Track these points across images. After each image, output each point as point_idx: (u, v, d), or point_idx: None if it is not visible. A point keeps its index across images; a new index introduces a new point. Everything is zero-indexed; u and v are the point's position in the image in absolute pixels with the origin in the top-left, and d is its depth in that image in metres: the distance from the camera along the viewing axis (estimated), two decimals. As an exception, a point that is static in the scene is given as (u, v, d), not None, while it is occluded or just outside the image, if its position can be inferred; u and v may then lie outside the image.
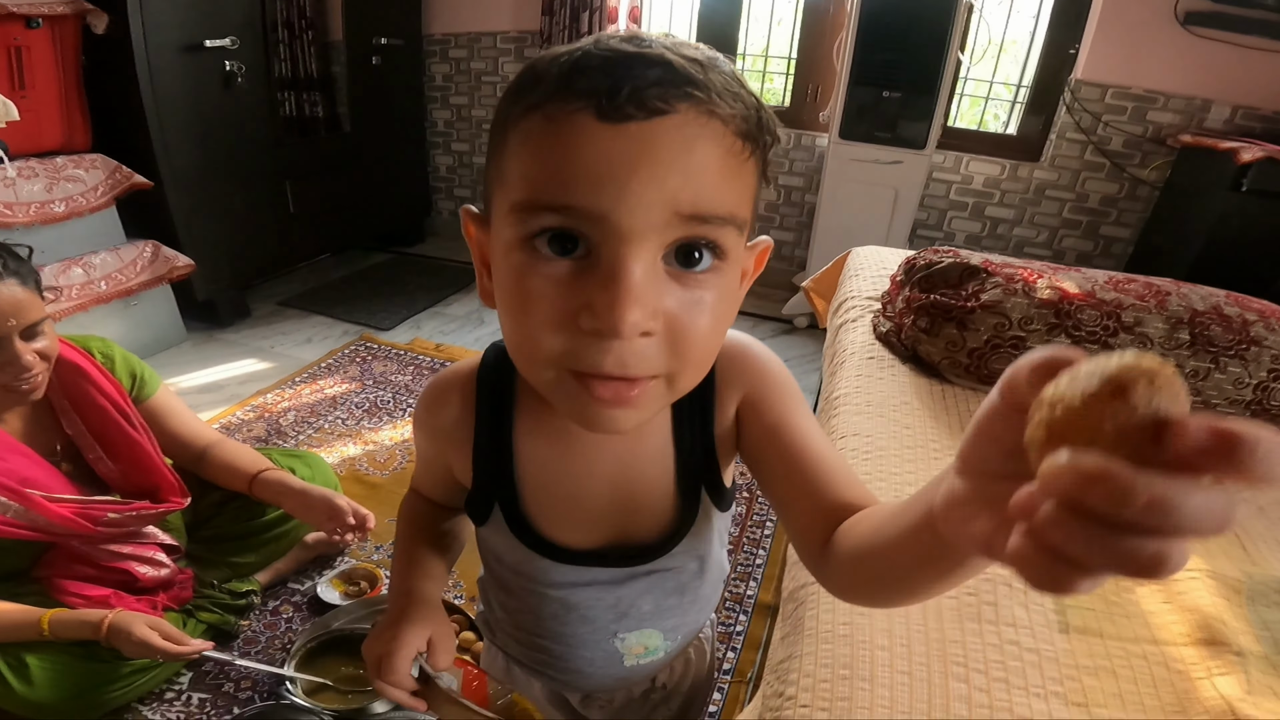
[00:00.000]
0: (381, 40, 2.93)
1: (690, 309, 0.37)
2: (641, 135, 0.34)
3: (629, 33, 0.38)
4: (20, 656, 1.08)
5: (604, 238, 0.35)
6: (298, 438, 1.89)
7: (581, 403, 0.39)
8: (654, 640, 0.60)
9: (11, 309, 0.99)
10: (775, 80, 2.89)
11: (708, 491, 0.52)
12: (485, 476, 0.53)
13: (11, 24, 1.87)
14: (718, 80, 0.36)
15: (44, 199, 1.94)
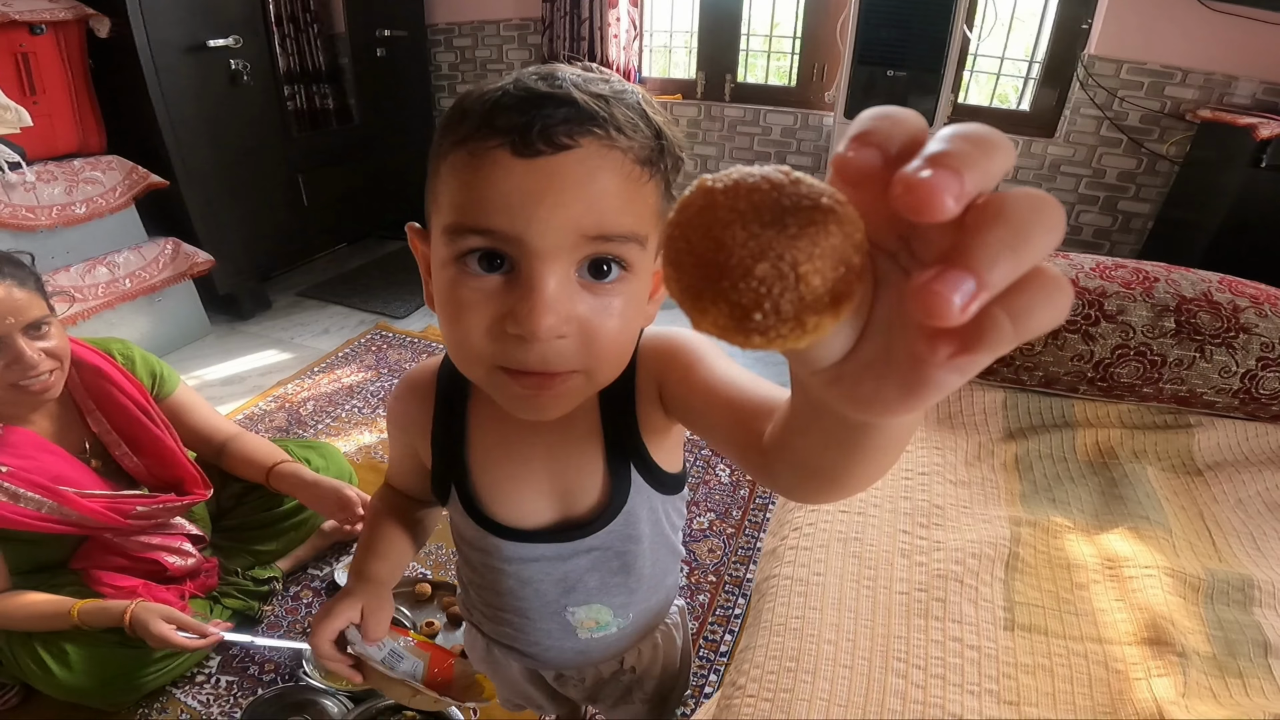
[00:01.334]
0: (385, 32, 2.96)
1: (600, 314, 0.43)
2: (550, 168, 0.39)
3: (545, 70, 0.43)
4: (60, 644, 1.15)
5: (522, 255, 0.40)
6: (317, 427, 1.96)
7: (512, 393, 0.45)
8: (604, 615, 0.65)
9: (10, 308, 1.04)
10: (782, 60, 2.86)
11: (638, 470, 0.57)
12: (443, 461, 0.59)
13: (15, 31, 1.92)
14: (620, 114, 0.41)
15: (65, 201, 2.01)
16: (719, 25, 2.81)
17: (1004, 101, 2.67)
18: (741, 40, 2.82)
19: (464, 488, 0.59)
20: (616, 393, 0.54)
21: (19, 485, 1.10)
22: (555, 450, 0.57)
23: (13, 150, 1.89)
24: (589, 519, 0.59)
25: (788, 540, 0.86)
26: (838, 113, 2.35)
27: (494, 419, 0.58)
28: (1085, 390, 1.16)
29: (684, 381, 0.51)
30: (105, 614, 1.14)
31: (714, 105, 2.87)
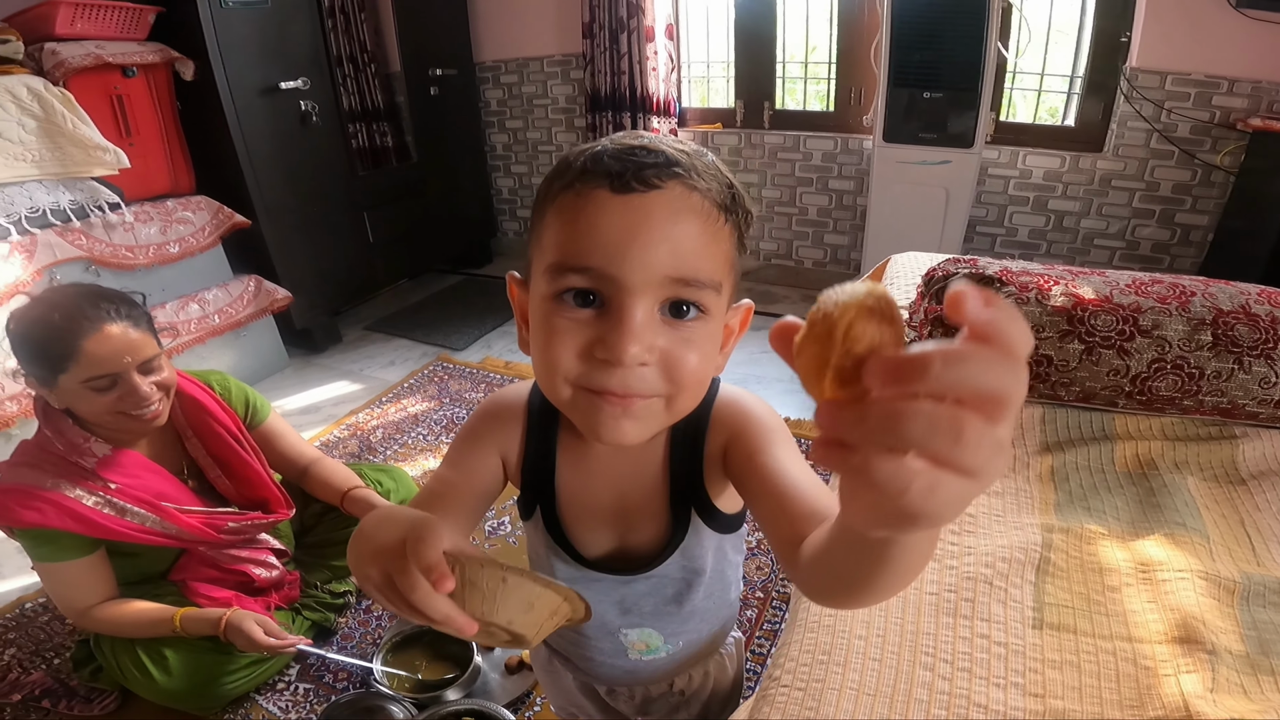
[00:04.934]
0: (437, 70, 3.09)
1: (680, 346, 0.48)
2: (642, 205, 0.46)
3: (635, 134, 0.51)
4: (161, 650, 1.26)
5: (614, 291, 0.46)
6: (385, 453, 2.09)
7: (594, 412, 0.49)
8: (654, 640, 0.69)
9: (126, 348, 1.16)
10: (819, 85, 2.92)
11: (698, 513, 0.62)
12: (533, 482, 0.64)
13: (110, 73, 2.06)
14: (699, 165, 0.49)
15: (160, 241, 2.18)
16: (755, 53, 2.88)
17: (1054, 115, 2.66)
18: (778, 67, 2.89)
19: (549, 509, 0.64)
20: (686, 441, 0.60)
21: (126, 501, 1.23)
22: (623, 487, 0.62)
23: (112, 191, 2.07)
24: (647, 555, 0.63)
25: None
26: (876, 136, 2.40)
27: (576, 451, 0.63)
28: (1124, 404, 1.17)
29: (747, 459, 0.56)
30: (203, 621, 1.25)
31: (754, 133, 2.95)
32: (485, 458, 0.64)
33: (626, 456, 0.61)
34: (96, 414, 1.19)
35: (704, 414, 0.59)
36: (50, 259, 1.91)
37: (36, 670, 1.45)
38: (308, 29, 2.52)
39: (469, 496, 0.62)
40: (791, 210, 2.98)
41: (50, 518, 1.16)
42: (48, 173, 1.89)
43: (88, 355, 1.12)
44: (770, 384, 2.28)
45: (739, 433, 0.58)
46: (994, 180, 2.61)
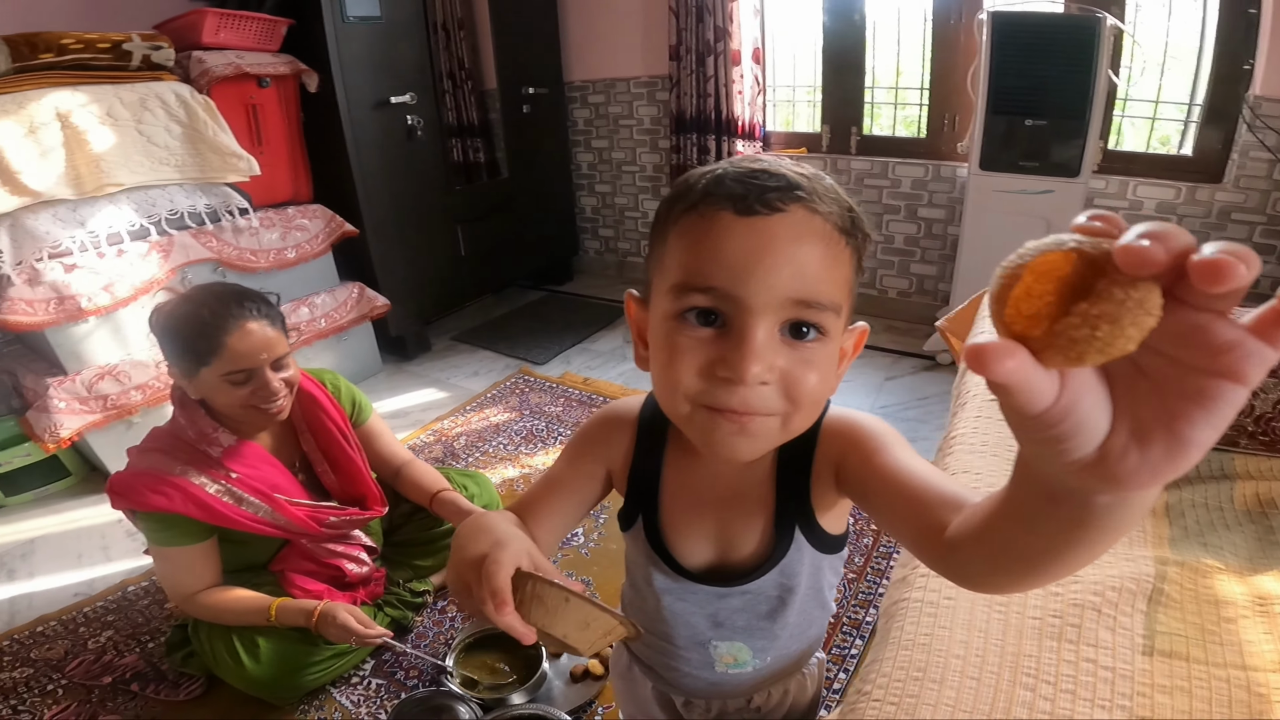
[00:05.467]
0: (529, 89, 3.18)
1: (799, 366, 0.49)
2: (766, 228, 0.47)
3: (754, 157, 0.52)
4: (254, 638, 1.30)
5: (736, 311, 0.48)
6: (467, 459, 2.16)
7: (711, 429, 0.50)
8: (743, 654, 0.69)
9: (264, 345, 1.24)
10: (909, 111, 2.87)
11: (802, 530, 0.62)
12: (636, 492, 0.66)
13: (247, 83, 2.19)
14: (820, 188, 0.50)
15: (279, 246, 2.32)
16: (843, 78, 2.86)
17: (1164, 144, 2.53)
18: (867, 92, 2.86)
19: (650, 519, 0.66)
20: (794, 460, 0.60)
21: (244, 490, 1.30)
22: (728, 501, 0.63)
23: (242, 197, 2.23)
24: (746, 568, 0.64)
25: (919, 569, 0.89)
26: (972, 164, 2.34)
27: (684, 464, 0.64)
28: (1245, 444, 1.11)
29: (865, 465, 0.56)
30: (297, 612, 1.29)
31: (840, 158, 2.92)
32: (591, 466, 0.67)
33: (733, 471, 0.62)
34: (230, 406, 1.26)
35: (813, 432, 0.59)
36: (184, 259, 2.07)
37: (131, 654, 1.52)
38: (416, 45, 2.64)
39: (570, 502, 0.66)
40: (877, 238, 2.93)
41: (176, 503, 1.23)
42: (188, 177, 2.05)
43: (230, 350, 1.20)
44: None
45: (853, 444, 0.58)
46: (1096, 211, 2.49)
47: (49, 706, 1.40)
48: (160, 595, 1.68)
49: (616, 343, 2.93)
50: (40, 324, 1.82)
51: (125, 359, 2.01)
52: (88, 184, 1.85)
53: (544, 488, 0.67)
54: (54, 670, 1.49)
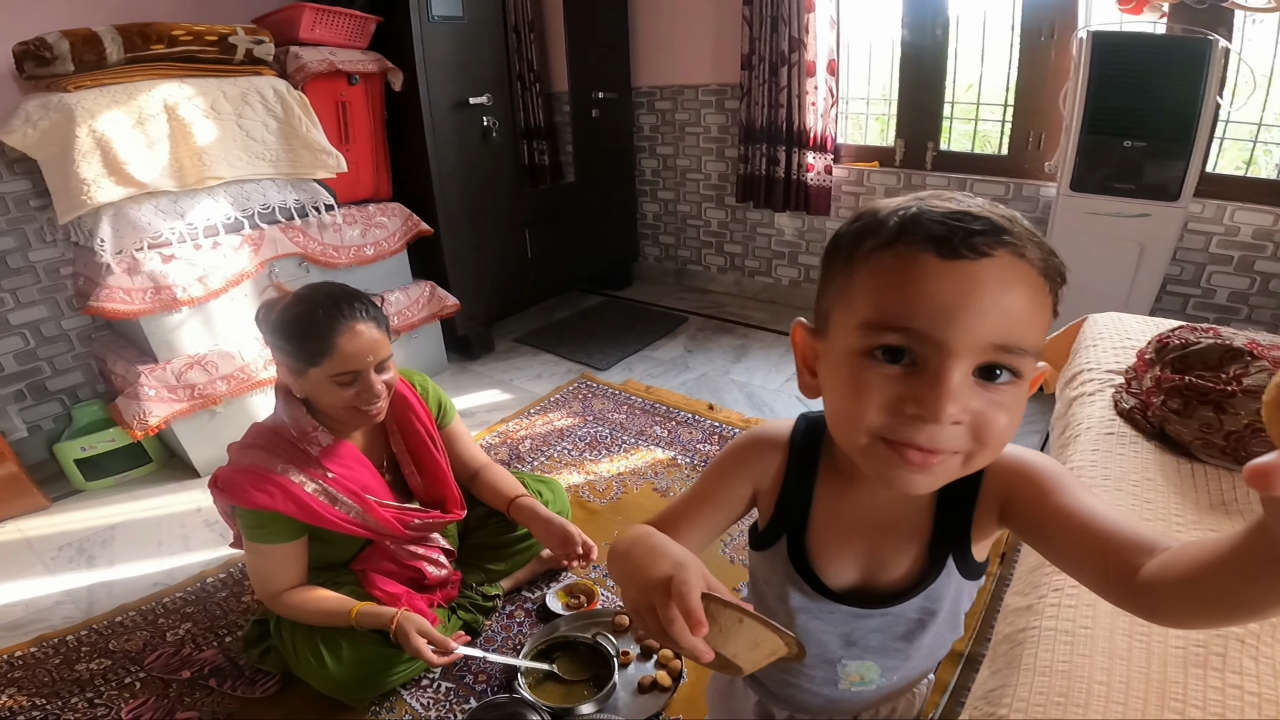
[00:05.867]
0: (599, 94, 3.18)
1: (991, 408, 0.49)
2: (971, 272, 0.46)
3: (946, 194, 0.50)
4: (337, 640, 1.30)
5: (933, 354, 0.47)
6: (532, 463, 2.15)
7: (891, 465, 0.50)
8: (871, 673, 0.69)
9: (370, 347, 1.25)
10: (990, 127, 2.80)
11: (955, 560, 0.62)
12: (783, 512, 0.67)
13: (338, 80, 2.22)
14: (1023, 231, 0.48)
15: (359, 243, 2.34)
16: (921, 92, 2.80)
17: (1257, 171, 2.41)
18: (946, 108, 2.80)
19: (795, 540, 0.66)
20: (958, 493, 0.60)
21: (339, 490, 1.30)
22: (882, 527, 0.63)
23: (328, 193, 2.26)
24: (891, 591, 0.64)
25: (1047, 598, 0.88)
26: (1062, 183, 2.26)
27: (838, 489, 0.65)
28: None
29: (1038, 504, 0.55)
30: (377, 617, 1.29)
31: (914, 173, 2.86)
32: (738, 487, 0.68)
33: (891, 499, 0.62)
34: (333, 406, 1.27)
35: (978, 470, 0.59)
36: (272, 253, 2.11)
37: (210, 647, 1.52)
38: (494, 46, 2.65)
39: (715, 520, 0.69)
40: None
41: (277, 501, 1.24)
42: (280, 172, 2.09)
43: (341, 352, 1.21)
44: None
45: (1025, 481, 0.57)
46: (1194, 236, 2.39)
47: (125, 700, 1.40)
48: (238, 588, 1.70)
49: (677, 351, 2.91)
50: (136, 312, 1.87)
51: (213, 349, 2.05)
52: (190, 177, 1.89)
53: (689, 504, 0.69)
54: (132, 662, 1.50)
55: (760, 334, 3.04)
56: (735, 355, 2.85)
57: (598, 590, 1.62)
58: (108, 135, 1.75)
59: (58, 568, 1.81)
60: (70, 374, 2.29)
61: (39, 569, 1.81)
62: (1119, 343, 1.49)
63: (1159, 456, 1.15)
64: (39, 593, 1.73)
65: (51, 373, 2.25)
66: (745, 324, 3.15)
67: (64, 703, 1.41)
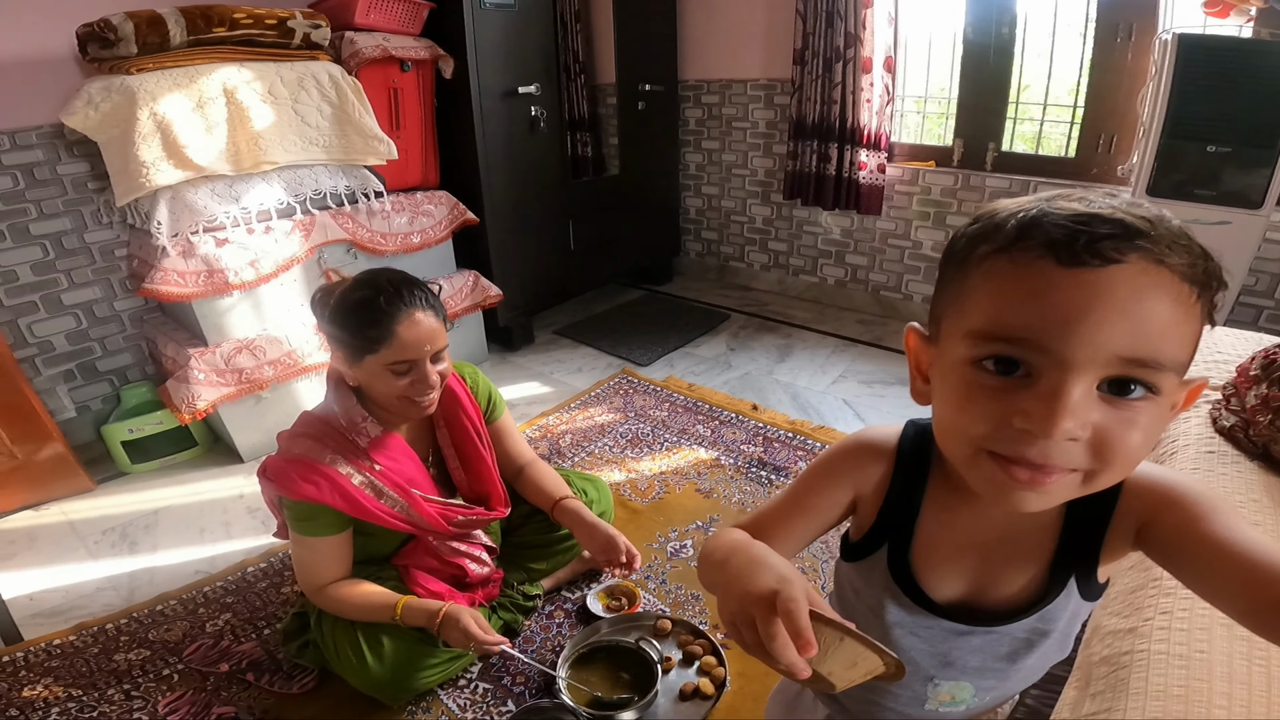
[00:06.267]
0: (646, 86, 3.14)
1: (1118, 425, 0.44)
2: (1095, 281, 0.41)
3: (1078, 194, 0.45)
4: (379, 637, 1.27)
5: (1049, 366, 0.43)
6: (573, 459, 2.12)
7: (997, 479, 0.47)
8: (964, 693, 0.66)
9: (429, 336, 1.21)
10: (1057, 129, 2.69)
11: (1078, 580, 0.58)
12: (886, 521, 0.63)
13: (391, 66, 2.20)
14: (1165, 233, 0.42)
15: (406, 231, 2.33)
16: (983, 92, 2.70)
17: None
18: (1009, 108, 2.70)
19: (898, 551, 0.63)
20: (1089, 512, 0.56)
21: (385, 483, 1.28)
22: (997, 544, 0.59)
23: (378, 180, 2.25)
24: (1002, 610, 0.60)
25: (1154, 621, 0.85)
26: (1138, 188, 2.16)
27: (948, 501, 0.61)
28: None
29: (1184, 531, 0.51)
30: (421, 612, 1.26)
31: (973, 174, 2.77)
32: (838, 493, 0.66)
33: (1010, 515, 0.57)
34: (386, 396, 1.24)
35: (1114, 489, 0.54)
36: (322, 239, 2.11)
37: (248, 640, 1.50)
38: (543, 36, 2.62)
39: (811, 526, 0.66)
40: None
41: (325, 493, 1.21)
42: (333, 158, 2.08)
43: (399, 340, 1.18)
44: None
45: (1169, 506, 0.53)
46: (1271, 246, 2.27)
47: (163, 693, 1.38)
48: (278, 579, 1.69)
49: (720, 349, 2.86)
50: (190, 295, 1.88)
51: (261, 334, 2.06)
52: (245, 161, 1.89)
53: (785, 508, 0.67)
54: (171, 654, 1.48)
55: (805, 334, 2.97)
56: (779, 355, 2.79)
57: (639, 593, 1.58)
58: (168, 118, 1.75)
59: (100, 552, 1.81)
60: (120, 355, 2.32)
61: (81, 553, 1.81)
62: (1209, 355, 1.42)
63: (1264, 477, 1.09)
64: (80, 578, 1.73)
65: (102, 353, 2.28)
66: (789, 323, 3.08)
67: (100, 694, 1.39)
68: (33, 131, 1.99)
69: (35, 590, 1.69)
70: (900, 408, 2.32)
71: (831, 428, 2.23)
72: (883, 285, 3.10)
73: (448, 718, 1.33)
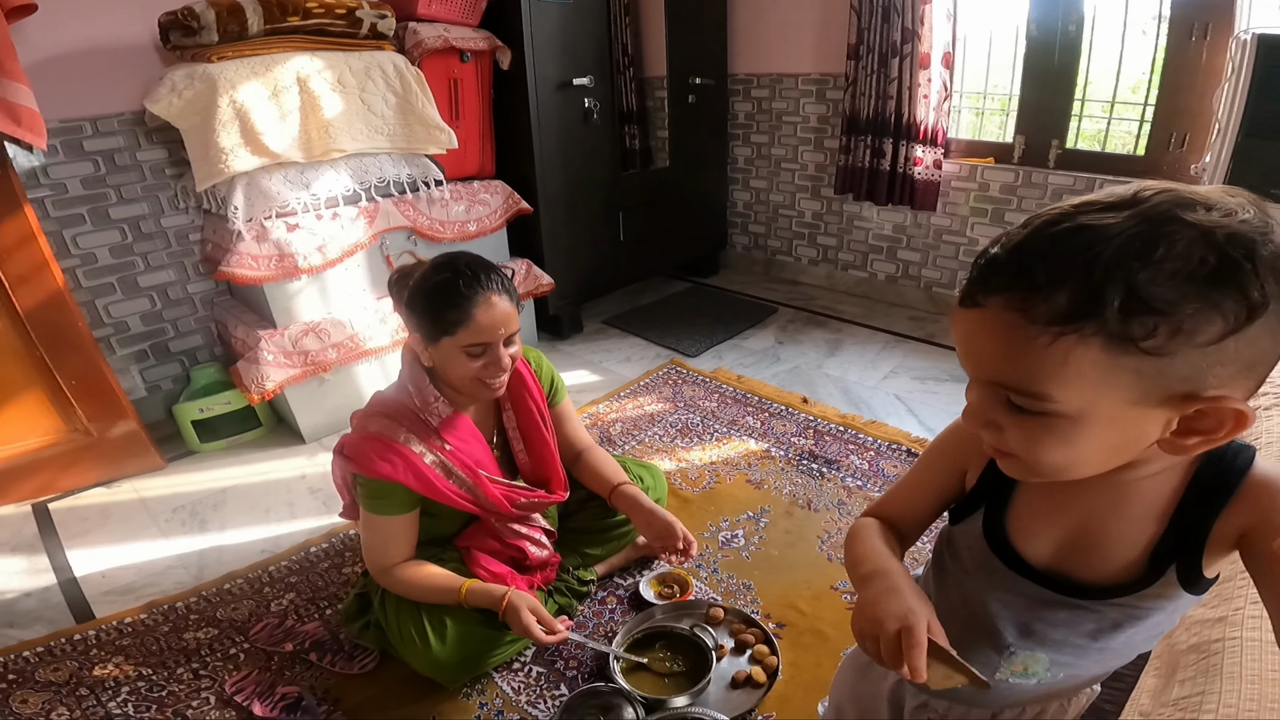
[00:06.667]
0: (696, 79, 3.14)
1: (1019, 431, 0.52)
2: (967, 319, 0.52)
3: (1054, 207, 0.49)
4: (443, 619, 1.29)
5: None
6: (623, 447, 2.14)
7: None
8: (1038, 666, 0.67)
9: (503, 319, 1.23)
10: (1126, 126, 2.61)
11: (1178, 570, 0.58)
12: (986, 487, 0.67)
13: (451, 57, 2.24)
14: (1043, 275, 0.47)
15: (463, 219, 2.37)
16: (1046, 89, 2.64)
17: None
18: (1075, 105, 2.63)
19: (994, 513, 0.66)
20: (1200, 505, 0.56)
21: (454, 463, 1.30)
22: (1098, 518, 0.60)
23: (438, 169, 2.29)
24: (1095, 586, 0.61)
25: (1244, 610, 0.85)
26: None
27: None
28: None
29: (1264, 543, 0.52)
30: (486, 596, 1.27)
31: (1034, 171, 2.71)
32: (952, 466, 0.71)
33: (1115, 491, 0.58)
34: (459, 377, 1.26)
35: (1235, 481, 0.55)
36: (385, 225, 2.16)
37: (311, 620, 1.53)
38: (597, 28, 2.64)
39: (933, 501, 0.73)
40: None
41: (399, 471, 1.23)
42: (396, 147, 2.13)
43: (476, 323, 1.20)
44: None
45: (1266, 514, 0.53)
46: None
47: (229, 672, 1.41)
48: (339, 559, 1.72)
49: (768, 342, 2.85)
50: (262, 279, 1.94)
51: (326, 317, 2.11)
52: (316, 148, 1.94)
53: (908, 489, 0.75)
54: (238, 632, 1.51)
55: (855, 329, 2.95)
56: (829, 349, 2.77)
57: (691, 581, 1.59)
58: (246, 106, 1.81)
59: (171, 530, 1.86)
60: (191, 336, 2.40)
61: (153, 531, 1.86)
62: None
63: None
64: (152, 556, 1.77)
65: (174, 334, 2.36)
66: (838, 318, 3.06)
67: (170, 673, 1.42)
68: (114, 118, 2.06)
69: (107, 567, 1.73)
70: (955, 403, 2.30)
71: (884, 422, 2.21)
72: (935, 281, 3.06)
73: (502, 700, 1.35)
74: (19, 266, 1.75)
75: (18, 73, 1.59)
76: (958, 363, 2.62)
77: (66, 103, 1.96)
